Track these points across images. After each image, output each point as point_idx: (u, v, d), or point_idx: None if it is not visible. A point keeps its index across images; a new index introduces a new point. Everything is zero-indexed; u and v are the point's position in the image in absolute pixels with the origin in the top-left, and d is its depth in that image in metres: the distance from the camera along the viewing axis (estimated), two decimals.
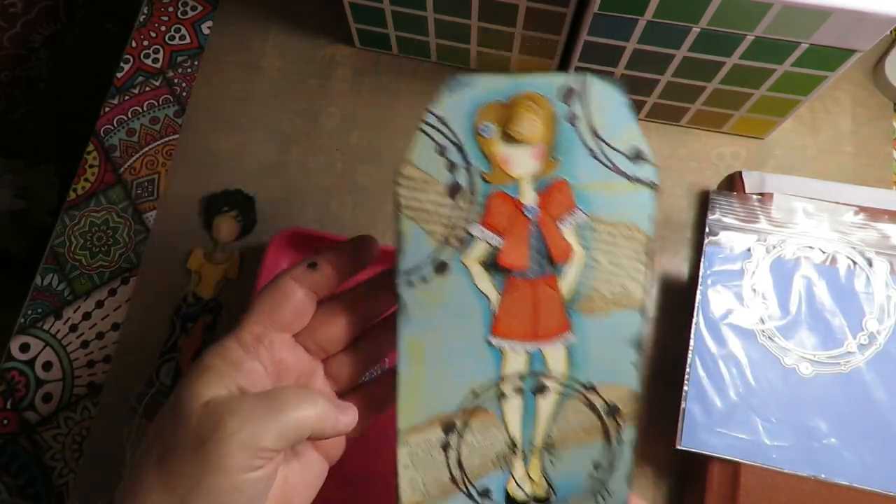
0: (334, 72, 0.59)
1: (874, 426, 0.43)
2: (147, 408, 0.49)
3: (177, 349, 0.50)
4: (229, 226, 0.52)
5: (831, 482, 0.42)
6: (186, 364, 0.49)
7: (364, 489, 0.47)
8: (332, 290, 0.32)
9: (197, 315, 0.51)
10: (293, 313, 0.30)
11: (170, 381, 0.50)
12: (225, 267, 0.52)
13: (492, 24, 0.51)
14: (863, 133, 0.56)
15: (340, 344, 0.32)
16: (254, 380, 0.29)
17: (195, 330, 0.50)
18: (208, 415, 0.26)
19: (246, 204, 0.54)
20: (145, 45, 0.59)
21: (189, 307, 0.51)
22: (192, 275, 0.52)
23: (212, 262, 0.52)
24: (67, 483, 0.49)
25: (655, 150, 0.56)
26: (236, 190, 0.54)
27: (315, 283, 0.31)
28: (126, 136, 0.57)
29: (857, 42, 0.42)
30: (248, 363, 0.29)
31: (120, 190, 0.56)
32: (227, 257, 0.52)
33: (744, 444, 0.43)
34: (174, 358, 0.50)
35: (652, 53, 0.46)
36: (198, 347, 0.50)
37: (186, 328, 0.51)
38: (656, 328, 0.51)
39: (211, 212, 0.53)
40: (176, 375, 0.50)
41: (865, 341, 0.45)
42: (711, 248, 0.47)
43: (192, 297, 0.51)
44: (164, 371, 0.50)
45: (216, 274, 0.52)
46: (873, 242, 0.47)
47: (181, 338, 0.50)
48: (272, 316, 0.30)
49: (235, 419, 0.26)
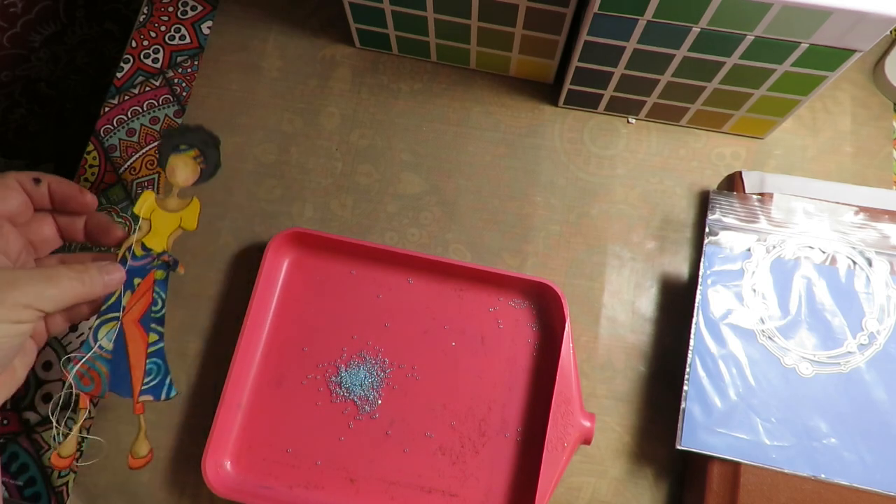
0: (334, 72, 0.59)
1: (874, 426, 0.43)
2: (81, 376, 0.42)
3: (120, 308, 0.42)
4: (188, 167, 0.45)
5: (831, 482, 0.42)
6: (132, 325, 0.42)
7: (364, 487, 0.47)
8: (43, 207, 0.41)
9: (145, 269, 0.43)
10: (17, 207, 0.39)
11: (111, 344, 0.42)
12: (181, 215, 0.45)
13: (492, 24, 0.51)
14: (863, 133, 0.56)
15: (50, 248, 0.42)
16: None
17: (143, 286, 0.43)
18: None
19: (208, 143, 0.46)
20: (145, 45, 0.60)
21: (136, 259, 0.43)
22: (141, 222, 0.44)
23: (165, 209, 0.44)
24: (67, 483, 0.49)
25: (655, 151, 0.56)
26: (197, 126, 0.46)
27: (35, 194, 0.40)
28: (126, 136, 0.57)
29: (857, 42, 0.42)
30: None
31: (120, 190, 0.56)
32: (183, 204, 0.45)
33: (744, 444, 0.43)
34: (117, 318, 0.42)
35: (652, 53, 0.46)
36: (146, 306, 0.43)
37: (133, 284, 0.43)
38: (656, 328, 0.51)
39: (166, 150, 0.46)
40: (119, 339, 0.42)
41: (865, 341, 0.45)
42: (711, 248, 0.47)
43: (140, 249, 0.43)
44: (104, 333, 0.42)
45: (170, 224, 0.44)
46: (873, 242, 0.47)
47: (126, 295, 0.42)
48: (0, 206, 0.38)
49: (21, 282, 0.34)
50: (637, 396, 0.50)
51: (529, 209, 0.54)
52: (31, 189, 0.39)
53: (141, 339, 0.42)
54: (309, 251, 0.52)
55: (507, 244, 0.54)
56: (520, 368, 0.49)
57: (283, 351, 0.50)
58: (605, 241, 0.54)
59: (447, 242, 0.54)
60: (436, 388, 0.49)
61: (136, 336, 0.42)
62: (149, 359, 0.42)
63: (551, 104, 0.57)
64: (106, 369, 0.41)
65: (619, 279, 0.53)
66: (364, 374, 0.49)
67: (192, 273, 0.53)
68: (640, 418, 0.50)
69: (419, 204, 0.55)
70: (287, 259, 0.52)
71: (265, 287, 0.50)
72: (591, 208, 0.54)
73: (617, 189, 0.55)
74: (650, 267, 0.53)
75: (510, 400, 0.49)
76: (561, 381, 0.46)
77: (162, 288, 0.43)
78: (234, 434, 0.48)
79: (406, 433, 0.48)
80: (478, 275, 0.50)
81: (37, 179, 0.39)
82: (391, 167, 0.56)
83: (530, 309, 0.51)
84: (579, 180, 0.55)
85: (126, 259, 0.42)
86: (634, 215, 0.54)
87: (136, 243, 0.43)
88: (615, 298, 0.52)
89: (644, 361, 0.51)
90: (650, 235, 0.54)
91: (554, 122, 0.57)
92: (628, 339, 0.51)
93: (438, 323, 0.51)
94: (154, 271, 0.43)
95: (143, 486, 0.49)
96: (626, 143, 0.56)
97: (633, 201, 0.55)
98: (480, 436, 0.48)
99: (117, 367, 0.41)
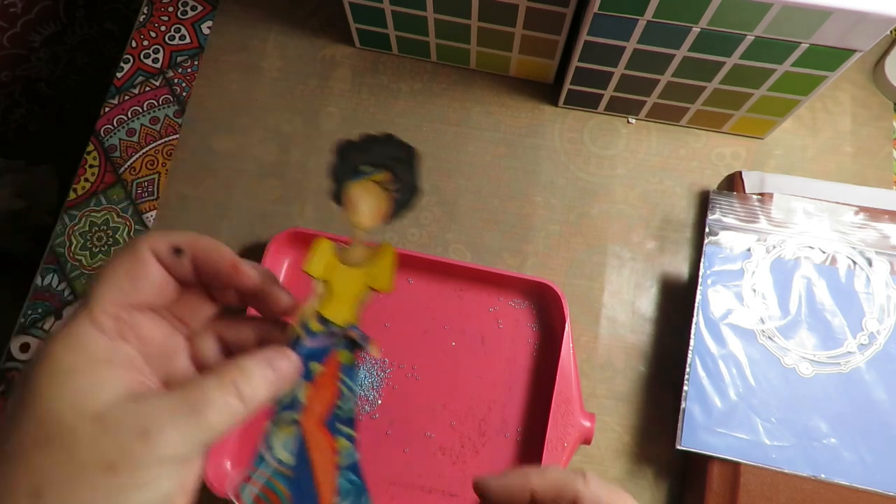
0: (334, 72, 0.59)
1: (874, 426, 0.43)
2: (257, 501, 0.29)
3: (297, 406, 0.30)
4: (375, 198, 0.31)
5: (831, 482, 0.42)
6: (315, 428, 0.30)
7: None
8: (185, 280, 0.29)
9: (326, 351, 0.31)
10: (154, 291, 0.27)
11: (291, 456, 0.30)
12: (370, 271, 0.31)
13: (492, 24, 0.51)
14: (863, 133, 0.56)
15: (203, 322, 0.29)
16: (133, 370, 0.25)
17: (325, 374, 0.31)
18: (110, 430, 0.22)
19: (401, 159, 0.32)
20: (145, 45, 0.59)
21: (313, 337, 0.30)
22: (316, 285, 0.31)
23: (347, 264, 0.31)
24: None
25: (655, 151, 0.56)
26: (386, 136, 0.31)
27: (176, 268, 0.28)
28: (126, 136, 0.57)
29: (857, 42, 0.42)
30: (118, 352, 0.25)
31: (120, 190, 0.56)
32: (371, 254, 0.31)
33: (744, 444, 0.43)
34: (295, 421, 0.30)
35: (652, 53, 0.46)
36: (331, 402, 0.30)
37: (311, 373, 0.30)
38: (656, 328, 0.51)
39: (343, 174, 0.31)
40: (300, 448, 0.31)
41: (865, 341, 0.45)
42: (711, 248, 0.47)
43: (317, 322, 0.30)
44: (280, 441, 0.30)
45: (356, 284, 0.31)
46: (873, 242, 0.47)
47: (303, 388, 0.30)
48: (132, 293, 0.26)
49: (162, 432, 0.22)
50: (637, 396, 0.50)
51: (529, 209, 0.54)
52: (170, 262, 0.27)
53: (327, 446, 0.31)
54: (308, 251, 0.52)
55: (507, 244, 0.54)
56: (520, 368, 0.49)
57: None
58: (605, 241, 0.54)
59: (447, 242, 0.54)
60: (436, 389, 0.49)
61: (320, 443, 0.31)
62: (340, 473, 0.31)
63: (551, 104, 0.57)
64: (286, 489, 0.30)
65: (619, 279, 0.53)
66: (364, 374, 0.49)
67: None
68: (640, 418, 0.49)
69: (419, 204, 0.55)
70: (287, 259, 0.52)
71: None
72: (591, 208, 0.54)
73: (617, 189, 0.55)
74: (650, 267, 0.53)
75: (510, 400, 0.49)
76: (561, 381, 0.46)
77: (350, 375, 0.31)
78: (233, 434, 0.48)
79: (406, 433, 0.48)
80: (478, 275, 0.50)
81: (177, 250, 0.27)
82: None
83: (530, 309, 0.51)
84: (579, 180, 0.55)
85: (300, 339, 0.30)
86: (634, 215, 0.54)
87: (311, 315, 0.31)
88: (615, 298, 0.52)
89: (644, 361, 0.51)
90: (650, 235, 0.54)
91: (554, 122, 0.57)
92: (628, 339, 0.51)
93: (438, 323, 0.51)
94: (337, 352, 0.31)
95: None
96: (626, 143, 0.56)
97: (633, 201, 0.55)
98: (480, 436, 0.48)
99: (300, 486, 0.30)
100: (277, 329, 0.30)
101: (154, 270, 0.27)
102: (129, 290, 0.26)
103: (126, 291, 0.26)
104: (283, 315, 0.30)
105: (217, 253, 0.28)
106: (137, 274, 0.26)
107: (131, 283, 0.26)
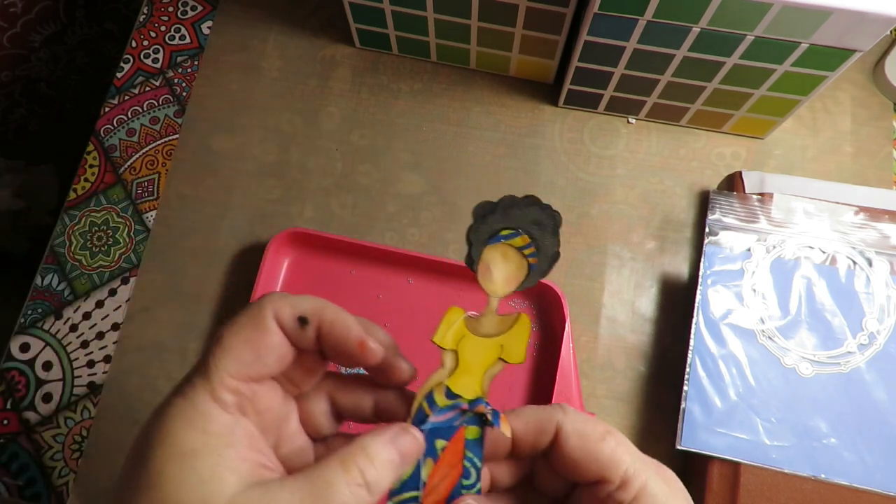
0: (334, 72, 0.59)
1: (874, 426, 0.43)
2: None
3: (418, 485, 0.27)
4: (511, 263, 0.30)
5: (831, 482, 0.42)
6: None
7: None
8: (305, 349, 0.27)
9: (452, 427, 0.28)
10: (275, 362, 0.25)
11: None
12: (502, 341, 0.29)
13: (492, 24, 0.51)
14: (863, 133, 0.56)
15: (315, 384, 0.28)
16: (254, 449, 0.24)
17: (450, 451, 0.28)
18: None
19: (544, 224, 0.30)
20: (145, 45, 0.60)
21: (438, 412, 0.28)
22: (445, 356, 0.29)
23: (478, 334, 0.30)
24: (67, 483, 0.49)
25: (655, 151, 0.56)
26: (530, 199, 0.29)
27: (299, 339, 0.26)
28: (126, 136, 0.57)
29: (857, 42, 0.42)
30: (238, 429, 0.24)
31: (120, 190, 0.56)
32: (505, 325, 0.30)
33: (744, 444, 0.43)
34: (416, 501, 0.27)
35: (652, 53, 0.46)
36: (455, 481, 0.28)
37: (436, 450, 0.28)
38: (656, 328, 0.51)
39: (480, 236, 0.30)
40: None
41: (865, 341, 0.45)
42: (711, 248, 0.47)
43: (442, 396, 0.29)
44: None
45: (486, 355, 0.29)
46: (873, 242, 0.47)
47: (426, 465, 0.28)
48: (254, 366, 0.25)
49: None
50: (637, 396, 0.50)
51: None
52: (294, 332, 0.26)
53: None
54: (309, 251, 0.52)
55: None
56: (520, 368, 0.49)
57: None
58: (605, 241, 0.54)
59: (447, 242, 0.54)
60: None
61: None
62: None
63: (551, 104, 0.57)
64: None
65: (619, 279, 0.53)
66: None
67: (192, 273, 0.53)
68: (640, 418, 0.49)
69: (419, 204, 0.55)
70: (287, 259, 0.52)
71: (265, 287, 0.50)
72: (591, 208, 0.54)
73: (617, 189, 0.55)
74: (650, 267, 0.53)
75: (510, 400, 0.49)
76: (561, 381, 0.46)
77: (475, 452, 0.28)
78: None
79: None
80: None
81: (302, 319, 0.26)
82: (391, 167, 0.56)
83: (530, 309, 0.51)
84: (579, 180, 0.55)
85: (425, 413, 0.28)
86: (634, 215, 0.54)
87: (437, 388, 0.29)
88: (615, 298, 0.52)
89: (644, 361, 0.51)
90: (650, 235, 0.54)
91: (554, 122, 0.57)
92: (628, 339, 0.51)
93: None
94: (464, 428, 0.28)
95: None
96: (626, 143, 0.56)
97: (633, 201, 0.55)
98: None
99: None
100: (395, 396, 0.29)
101: (277, 341, 0.25)
102: (252, 362, 0.24)
103: (248, 364, 0.24)
104: (402, 385, 0.29)
105: (343, 327, 0.26)
106: (260, 345, 0.25)
107: (254, 355, 0.24)
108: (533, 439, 0.27)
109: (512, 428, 0.27)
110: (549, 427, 0.27)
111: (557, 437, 0.27)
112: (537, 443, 0.27)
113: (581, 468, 0.26)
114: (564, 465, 0.27)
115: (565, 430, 0.26)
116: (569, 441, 0.26)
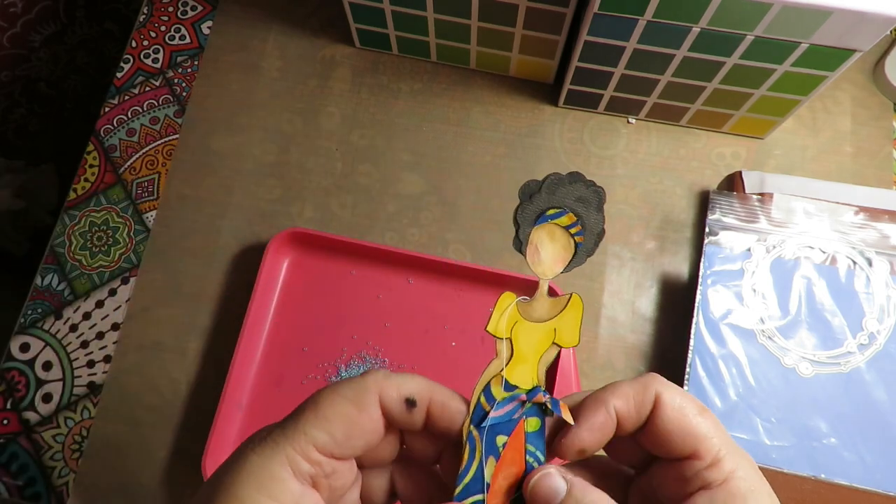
0: (334, 72, 0.59)
1: (874, 426, 0.43)
2: None
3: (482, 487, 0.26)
4: (558, 242, 0.28)
5: (831, 482, 0.42)
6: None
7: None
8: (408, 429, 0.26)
9: (511, 420, 0.26)
10: (367, 445, 0.24)
11: None
12: (555, 325, 0.28)
13: (492, 24, 0.51)
14: (863, 133, 0.56)
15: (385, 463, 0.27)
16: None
17: (511, 447, 0.26)
18: None
19: (589, 201, 0.28)
20: (145, 45, 0.59)
21: (497, 406, 0.26)
22: (500, 346, 0.28)
23: (530, 319, 0.28)
24: (67, 483, 0.49)
25: (655, 151, 0.56)
26: (575, 175, 0.28)
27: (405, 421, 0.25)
28: (126, 136, 0.57)
29: (857, 42, 0.42)
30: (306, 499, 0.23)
31: (120, 190, 0.56)
32: (557, 307, 0.28)
33: (744, 444, 0.43)
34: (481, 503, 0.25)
35: (652, 53, 0.46)
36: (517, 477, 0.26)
37: (496, 447, 0.26)
38: (656, 328, 0.51)
39: (527, 217, 0.28)
40: None
41: (865, 341, 0.45)
42: (711, 248, 0.47)
43: (500, 389, 0.27)
44: None
45: (540, 340, 0.28)
46: (873, 242, 0.47)
47: (488, 464, 0.26)
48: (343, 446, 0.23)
49: None
50: None
51: None
52: (398, 414, 0.24)
53: None
54: (309, 251, 0.52)
55: (507, 244, 0.54)
56: None
57: (283, 351, 0.50)
58: (605, 241, 0.53)
59: (447, 242, 0.54)
60: None
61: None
62: None
63: (551, 104, 0.57)
64: None
65: (619, 279, 0.53)
66: None
67: (191, 273, 0.53)
68: None
69: (419, 204, 0.55)
70: (287, 259, 0.52)
71: (265, 287, 0.50)
72: None
73: (617, 189, 0.55)
74: (650, 267, 0.53)
75: None
76: (561, 381, 0.46)
77: (537, 444, 0.26)
78: (234, 434, 0.48)
79: None
80: (478, 275, 0.50)
81: (410, 401, 0.24)
82: (391, 167, 0.56)
83: None
84: None
85: (483, 408, 0.26)
86: (634, 215, 0.54)
87: (495, 380, 0.27)
88: (615, 298, 0.52)
89: (644, 361, 0.51)
90: (650, 235, 0.54)
91: (554, 122, 0.57)
92: (628, 339, 0.51)
93: (438, 323, 0.51)
94: (525, 420, 0.27)
95: (143, 487, 0.49)
96: (626, 143, 0.56)
97: (633, 201, 0.55)
98: None
99: None
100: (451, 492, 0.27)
101: (375, 422, 0.24)
102: (343, 441, 0.23)
103: (339, 442, 0.23)
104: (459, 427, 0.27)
105: (452, 410, 0.25)
106: (357, 425, 0.23)
107: (347, 433, 0.23)
108: (636, 414, 0.25)
109: (615, 406, 0.25)
110: (650, 398, 0.25)
111: (655, 408, 0.25)
112: (640, 417, 0.25)
113: (673, 442, 0.24)
114: (654, 437, 0.25)
115: (664, 401, 0.25)
116: (665, 412, 0.25)
